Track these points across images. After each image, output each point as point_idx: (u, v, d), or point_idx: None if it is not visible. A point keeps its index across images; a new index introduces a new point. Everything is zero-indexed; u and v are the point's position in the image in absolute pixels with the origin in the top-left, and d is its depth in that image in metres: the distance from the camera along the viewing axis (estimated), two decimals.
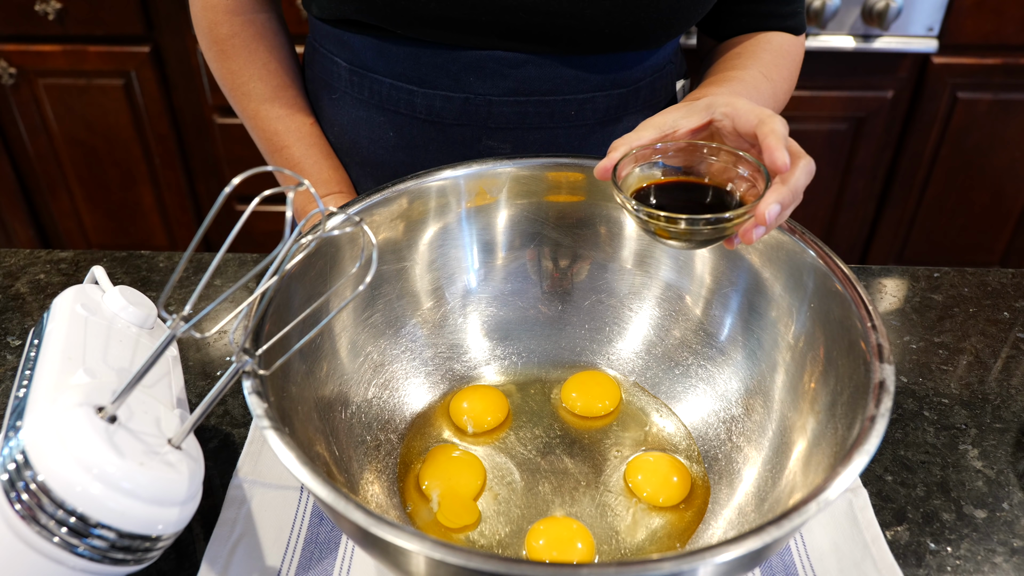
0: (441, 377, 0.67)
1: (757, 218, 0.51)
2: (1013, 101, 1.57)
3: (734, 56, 0.75)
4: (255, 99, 0.79)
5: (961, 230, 1.75)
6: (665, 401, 0.66)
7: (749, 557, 0.40)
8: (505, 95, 0.72)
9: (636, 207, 0.53)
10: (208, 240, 1.84)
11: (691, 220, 0.52)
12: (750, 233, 0.52)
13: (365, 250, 0.59)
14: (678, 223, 0.52)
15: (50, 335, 0.52)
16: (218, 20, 0.78)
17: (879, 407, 0.46)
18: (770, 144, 0.51)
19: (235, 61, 0.78)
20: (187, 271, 0.83)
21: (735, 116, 0.55)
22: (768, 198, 0.51)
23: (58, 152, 1.72)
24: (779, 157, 0.51)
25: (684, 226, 0.53)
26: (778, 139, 0.52)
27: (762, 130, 0.53)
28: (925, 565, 0.57)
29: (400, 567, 0.42)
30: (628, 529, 0.57)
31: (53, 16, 1.52)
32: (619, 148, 0.56)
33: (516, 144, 0.75)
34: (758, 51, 0.75)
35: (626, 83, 0.75)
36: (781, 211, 0.51)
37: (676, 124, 0.57)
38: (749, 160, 0.55)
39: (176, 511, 0.46)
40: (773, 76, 0.73)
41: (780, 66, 0.75)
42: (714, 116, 0.56)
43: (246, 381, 0.47)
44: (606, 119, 0.76)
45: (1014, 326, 0.79)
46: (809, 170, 0.52)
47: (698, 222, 0.52)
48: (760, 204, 0.51)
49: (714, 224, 0.52)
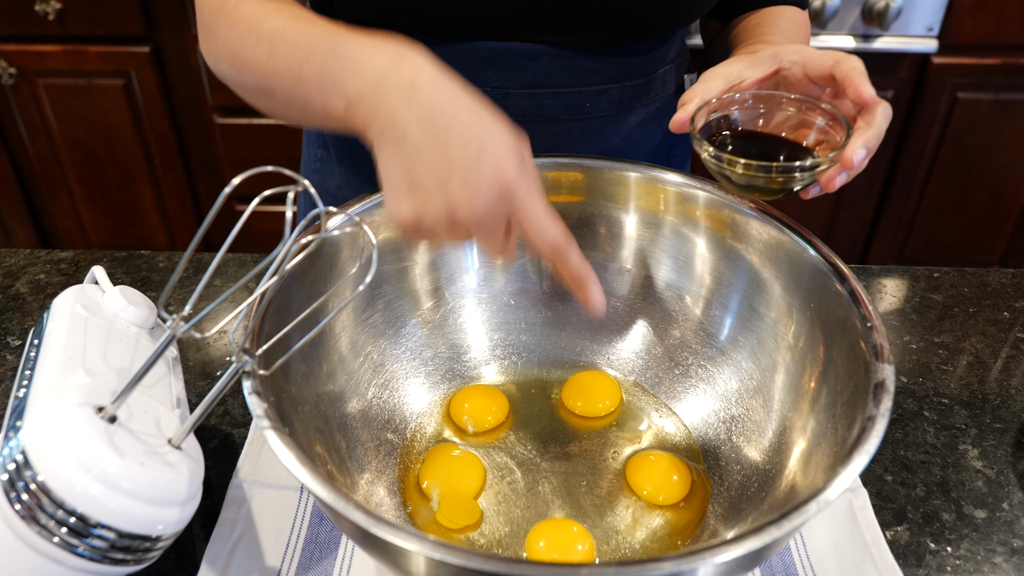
0: (441, 377, 0.67)
1: (844, 163, 0.51)
2: (1013, 101, 1.57)
3: (755, 25, 0.75)
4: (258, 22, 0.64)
5: (961, 230, 1.75)
6: (665, 401, 0.66)
7: (749, 557, 0.40)
8: (521, 87, 0.72)
9: (716, 154, 0.53)
10: (208, 240, 1.84)
11: (781, 168, 0.52)
12: (833, 180, 0.52)
13: (365, 250, 0.59)
14: (767, 171, 0.52)
15: (50, 335, 0.52)
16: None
17: (879, 407, 0.46)
18: (854, 80, 0.51)
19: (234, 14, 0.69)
20: (187, 271, 0.83)
21: (806, 62, 0.55)
22: (855, 142, 0.51)
23: (58, 152, 1.72)
24: (866, 91, 0.51)
25: (767, 174, 0.52)
26: (860, 75, 0.52)
27: (841, 68, 0.52)
28: (925, 565, 0.57)
29: (400, 567, 0.42)
30: (628, 528, 0.57)
31: (53, 16, 1.52)
32: (692, 100, 0.56)
33: (532, 137, 0.75)
34: (777, 21, 0.75)
35: (639, 74, 0.75)
36: (867, 155, 0.51)
37: (742, 74, 0.57)
38: (826, 109, 0.54)
39: (176, 511, 0.46)
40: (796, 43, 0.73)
41: (799, 36, 0.76)
42: (782, 64, 0.56)
43: (246, 381, 0.47)
44: (620, 111, 0.76)
45: (1014, 326, 0.79)
46: (888, 114, 0.53)
47: (788, 169, 0.52)
48: (847, 149, 0.51)
49: (801, 171, 0.52)
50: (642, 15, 0.69)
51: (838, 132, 0.54)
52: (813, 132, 0.55)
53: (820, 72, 0.54)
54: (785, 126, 0.57)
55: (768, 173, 0.53)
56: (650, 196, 0.64)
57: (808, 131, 0.56)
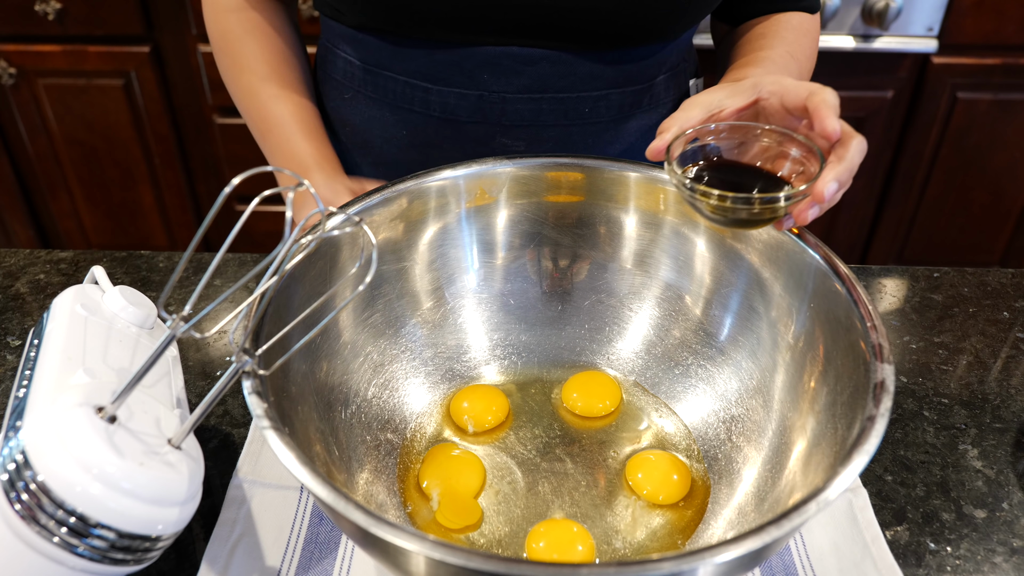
0: (441, 377, 0.67)
1: (815, 196, 0.51)
2: (1013, 101, 1.57)
3: (757, 37, 0.75)
4: (247, 74, 0.78)
5: (961, 230, 1.75)
6: (665, 401, 0.66)
7: (749, 557, 0.40)
8: (520, 92, 0.72)
9: (691, 186, 0.53)
10: (208, 240, 1.84)
11: (748, 199, 0.52)
12: (805, 213, 0.52)
13: (365, 250, 0.59)
14: (735, 203, 0.52)
15: (50, 335, 0.52)
16: (218, 16, 0.78)
17: (879, 407, 0.46)
18: (822, 113, 0.51)
19: (231, 55, 0.78)
20: (187, 271, 0.83)
21: (783, 93, 0.55)
22: (826, 176, 0.51)
23: (58, 152, 1.72)
24: (830, 124, 0.51)
25: (741, 205, 0.52)
26: (829, 108, 0.52)
27: (813, 101, 0.52)
28: (925, 565, 0.57)
29: (400, 567, 0.42)
30: (628, 527, 0.57)
31: (53, 16, 1.52)
32: (670, 129, 0.56)
33: (530, 141, 0.75)
34: (781, 31, 0.75)
35: (640, 80, 0.75)
36: (838, 189, 0.51)
37: (722, 103, 0.56)
38: (801, 140, 0.54)
39: (176, 511, 0.46)
40: (798, 55, 0.73)
41: (803, 45, 0.75)
42: (760, 95, 0.56)
43: (246, 381, 0.46)
44: (620, 116, 0.76)
45: (1014, 326, 0.79)
46: (862, 149, 0.52)
47: (753, 201, 0.52)
48: (818, 182, 0.51)
49: (770, 203, 0.52)
50: (636, 21, 0.69)
51: (813, 164, 0.53)
52: (788, 163, 0.55)
53: (795, 104, 0.54)
54: (762, 157, 0.57)
55: (736, 204, 0.52)
56: (650, 196, 0.64)
57: (784, 162, 0.56)
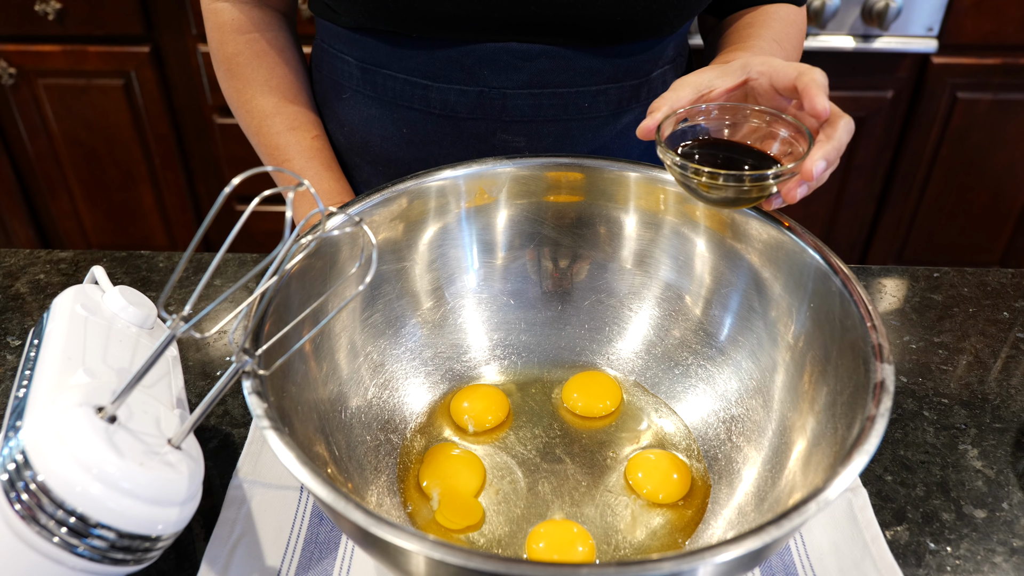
0: (441, 377, 0.67)
1: (803, 174, 0.51)
2: (1013, 101, 1.57)
3: (745, 26, 0.76)
4: (258, 115, 0.79)
5: (961, 230, 1.75)
6: (665, 401, 0.66)
7: (749, 557, 0.40)
8: (520, 87, 0.72)
9: (682, 164, 0.53)
10: (208, 240, 1.84)
11: (738, 176, 0.53)
12: (794, 191, 0.52)
13: (365, 250, 0.59)
14: (724, 180, 0.53)
15: (50, 335, 0.52)
16: (225, 39, 0.78)
17: (879, 407, 0.46)
18: (811, 92, 0.52)
19: (240, 78, 0.79)
20: (187, 271, 0.83)
21: (772, 73, 0.55)
22: (814, 154, 0.51)
23: (58, 152, 1.72)
24: (819, 103, 0.52)
25: (730, 183, 0.53)
26: (818, 87, 0.52)
27: (802, 80, 0.53)
28: (925, 565, 0.57)
29: (400, 567, 0.42)
30: (628, 527, 0.57)
31: (53, 16, 1.52)
32: (660, 108, 0.56)
33: (530, 137, 0.75)
34: (768, 20, 0.76)
35: (638, 74, 0.75)
36: (826, 168, 0.52)
37: (712, 84, 0.57)
38: (790, 121, 0.55)
39: (176, 511, 0.46)
40: (784, 43, 0.74)
41: (789, 34, 0.76)
42: (750, 75, 0.57)
43: (246, 381, 0.47)
44: (618, 111, 0.76)
45: (1014, 326, 0.79)
46: (849, 128, 0.53)
47: (744, 179, 0.53)
48: (806, 160, 0.51)
49: (759, 181, 0.52)
50: (634, 17, 0.69)
51: (801, 143, 0.54)
52: (777, 143, 0.56)
53: (784, 84, 0.55)
54: (751, 137, 0.57)
55: (723, 181, 0.53)
56: (650, 196, 0.64)
57: (773, 142, 0.56)
